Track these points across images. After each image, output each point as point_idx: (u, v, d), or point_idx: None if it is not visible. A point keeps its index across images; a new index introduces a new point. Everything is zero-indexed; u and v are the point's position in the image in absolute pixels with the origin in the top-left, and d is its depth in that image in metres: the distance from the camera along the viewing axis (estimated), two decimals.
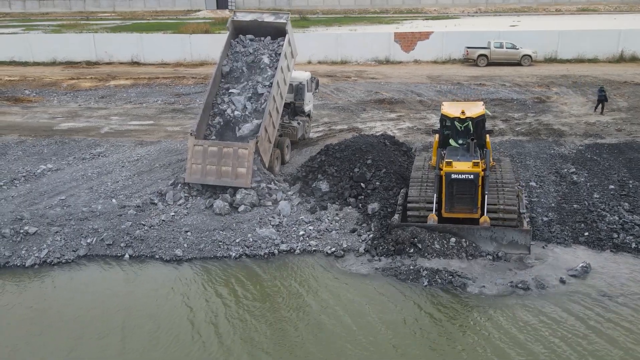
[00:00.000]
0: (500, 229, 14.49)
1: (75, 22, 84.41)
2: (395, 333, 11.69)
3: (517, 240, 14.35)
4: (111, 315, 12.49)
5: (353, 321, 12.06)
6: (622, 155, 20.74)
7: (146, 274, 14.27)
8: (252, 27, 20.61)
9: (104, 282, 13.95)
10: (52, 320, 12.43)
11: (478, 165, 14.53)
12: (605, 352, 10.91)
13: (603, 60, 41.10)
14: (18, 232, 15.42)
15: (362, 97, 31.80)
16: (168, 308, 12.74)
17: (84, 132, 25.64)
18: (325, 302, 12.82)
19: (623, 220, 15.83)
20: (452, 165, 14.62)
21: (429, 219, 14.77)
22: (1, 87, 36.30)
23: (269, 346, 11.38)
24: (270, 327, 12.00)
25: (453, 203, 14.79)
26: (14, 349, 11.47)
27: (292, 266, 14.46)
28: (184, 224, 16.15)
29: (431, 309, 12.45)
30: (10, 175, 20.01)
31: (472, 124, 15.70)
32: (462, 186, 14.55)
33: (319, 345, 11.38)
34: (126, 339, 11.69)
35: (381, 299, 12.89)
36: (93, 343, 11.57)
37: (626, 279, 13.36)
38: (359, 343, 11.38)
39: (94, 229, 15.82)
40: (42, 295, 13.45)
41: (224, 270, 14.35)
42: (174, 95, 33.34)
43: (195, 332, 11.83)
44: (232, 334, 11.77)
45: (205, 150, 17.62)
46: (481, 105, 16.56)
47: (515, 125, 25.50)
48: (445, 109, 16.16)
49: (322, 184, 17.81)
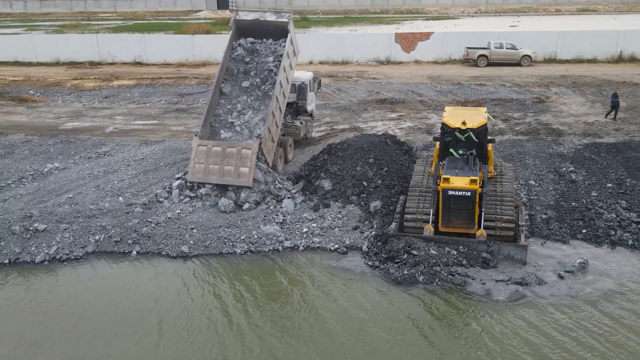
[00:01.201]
0: (497, 243, 14.50)
1: (76, 22, 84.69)
2: (395, 329, 12.00)
3: (513, 255, 14.33)
4: (121, 310, 12.81)
5: (353, 315, 12.39)
6: (620, 155, 21.06)
7: (154, 270, 14.58)
8: (254, 26, 20.84)
9: (113, 278, 14.29)
10: (64, 314, 12.76)
11: (475, 182, 14.45)
12: (599, 345, 11.24)
13: (602, 60, 41.42)
14: (28, 229, 15.74)
15: (364, 97, 32.13)
16: (175, 302, 13.06)
17: (89, 132, 25.97)
18: (327, 298, 13.14)
19: (620, 218, 16.16)
20: (450, 181, 14.53)
21: (425, 229, 14.80)
22: (6, 87, 36.63)
23: (272, 339, 11.69)
24: (273, 320, 12.32)
25: (450, 218, 14.79)
26: (34, 342, 11.79)
27: (296, 262, 14.78)
28: (190, 222, 16.47)
29: (431, 307, 12.74)
30: (18, 173, 20.34)
31: (473, 135, 15.49)
32: (459, 202, 14.54)
33: (320, 338, 11.70)
34: (138, 331, 12.02)
35: (381, 294, 13.19)
36: (107, 335, 11.90)
37: (623, 275, 13.68)
38: (358, 337, 11.70)
39: (102, 226, 16.14)
40: (53, 290, 13.76)
41: (230, 266, 14.67)
42: (177, 95, 33.66)
43: (203, 325, 12.16)
44: (237, 326, 12.10)
45: (209, 150, 17.93)
46: (484, 113, 16.33)
47: (514, 124, 25.82)
48: (446, 118, 15.89)
49: (324, 182, 18.12)
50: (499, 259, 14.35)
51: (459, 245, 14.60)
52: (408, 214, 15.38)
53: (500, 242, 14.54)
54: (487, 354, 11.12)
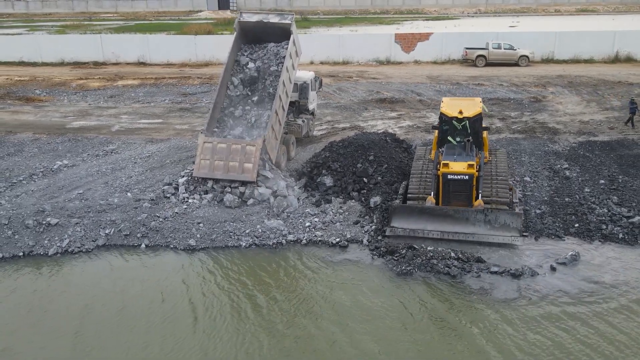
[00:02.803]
0: (494, 211, 15.60)
1: (78, 22, 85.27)
2: (393, 320, 12.54)
3: (509, 223, 15.32)
4: (134, 299, 13.40)
5: (354, 308, 12.97)
6: (614, 152, 21.64)
7: (162, 262, 15.18)
8: (258, 27, 21.39)
9: (124, 270, 14.87)
10: (77, 304, 13.34)
11: (473, 167, 15.82)
12: (588, 334, 11.83)
13: (599, 60, 42.02)
14: (40, 223, 16.34)
15: (364, 97, 32.73)
16: (183, 293, 13.66)
17: (96, 130, 26.58)
18: (328, 288, 13.71)
19: (612, 213, 16.73)
20: (449, 166, 15.83)
21: (427, 200, 15.98)
22: (12, 86, 37.25)
23: (276, 330, 12.28)
24: (277, 311, 12.90)
25: (449, 200, 16.05)
26: (57, 331, 12.39)
27: (299, 256, 15.38)
28: (197, 216, 17.07)
29: (427, 297, 13.25)
30: (28, 171, 20.96)
31: (470, 123, 16.63)
32: (457, 185, 15.88)
33: (321, 331, 12.28)
34: (149, 321, 12.60)
35: (380, 286, 13.76)
36: (119, 323, 12.50)
37: (613, 267, 14.26)
38: (357, 327, 12.28)
39: (112, 220, 16.74)
40: (66, 281, 14.36)
41: (235, 259, 15.26)
42: (181, 94, 34.27)
43: (209, 314, 12.74)
44: (245, 316, 12.68)
45: (215, 146, 18.52)
46: (479, 103, 17.54)
47: (511, 123, 26.42)
48: (444, 108, 17.15)
49: (326, 179, 18.72)
50: (492, 251, 14.98)
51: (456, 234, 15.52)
52: (411, 193, 16.72)
53: (497, 210, 15.73)
54: (483, 344, 11.69)
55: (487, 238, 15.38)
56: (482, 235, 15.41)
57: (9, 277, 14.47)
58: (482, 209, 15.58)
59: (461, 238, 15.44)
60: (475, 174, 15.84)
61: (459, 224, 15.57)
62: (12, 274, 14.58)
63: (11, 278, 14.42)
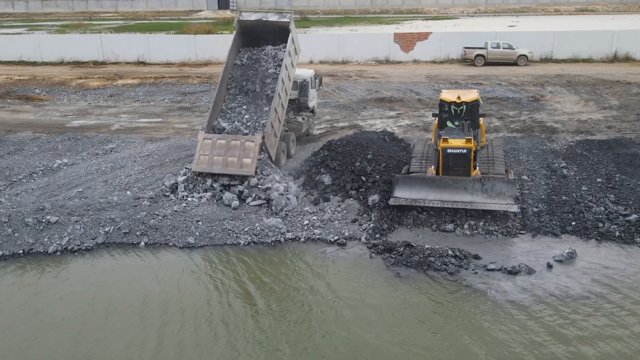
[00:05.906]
0: (490, 180, 16.47)
1: (78, 22, 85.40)
2: (390, 316, 12.66)
3: (505, 191, 16.19)
4: (134, 296, 13.49)
5: (351, 305, 13.06)
6: (611, 151, 21.73)
7: (161, 260, 15.27)
8: (257, 26, 21.53)
9: (123, 267, 14.95)
10: (77, 301, 13.44)
11: (470, 142, 17.02)
12: (583, 330, 11.93)
13: (597, 60, 42.14)
14: (40, 221, 16.42)
15: (363, 96, 32.83)
16: (182, 289, 13.74)
17: (95, 129, 26.67)
18: (327, 285, 13.80)
19: (608, 211, 16.81)
20: (448, 141, 16.97)
21: (428, 171, 17.37)
22: (12, 85, 37.35)
23: (274, 327, 12.38)
24: (275, 309, 12.99)
25: (449, 173, 17.10)
26: (58, 328, 12.48)
27: (297, 253, 15.47)
28: (196, 214, 17.16)
29: (424, 294, 13.34)
30: (28, 169, 21.05)
31: (467, 108, 17.87)
32: (456, 159, 17.01)
33: (319, 328, 12.38)
34: (148, 317, 12.70)
35: (378, 284, 13.84)
36: (118, 320, 12.59)
37: (609, 265, 14.33)
38: (354, 324, 12.38)
39: (111, 218, 16.82)
40: (66, 278, 14.45)
41: (234, 256, 15.34)
42: (181, 94, 34.37)
43: (207, 311, 12.82)
44: (239, 315, 12.77)
45: (214, 142, 18.63)
46: (475, 92, 18.78)
47: (510, 122, 26.52)
48: (443, 95, 18.62)
49: (325, 177, 18.80)
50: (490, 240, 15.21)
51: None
52: (412, 171, 18.06)
53: (493, 178, 16.64)
54: (480, 338, 11.79)
55: (485, 206, 16.25)
56: (480, 203, 16.29)
57: (8, 274, 14.54)
58: (479, 177, 16.56)
59: (459, 206, 16.35)
60: (472, 148, 16.98)
61: (458, 193, 16.48)
62: (12, 272, 14.65)
63: (11, 275, 14.50)
